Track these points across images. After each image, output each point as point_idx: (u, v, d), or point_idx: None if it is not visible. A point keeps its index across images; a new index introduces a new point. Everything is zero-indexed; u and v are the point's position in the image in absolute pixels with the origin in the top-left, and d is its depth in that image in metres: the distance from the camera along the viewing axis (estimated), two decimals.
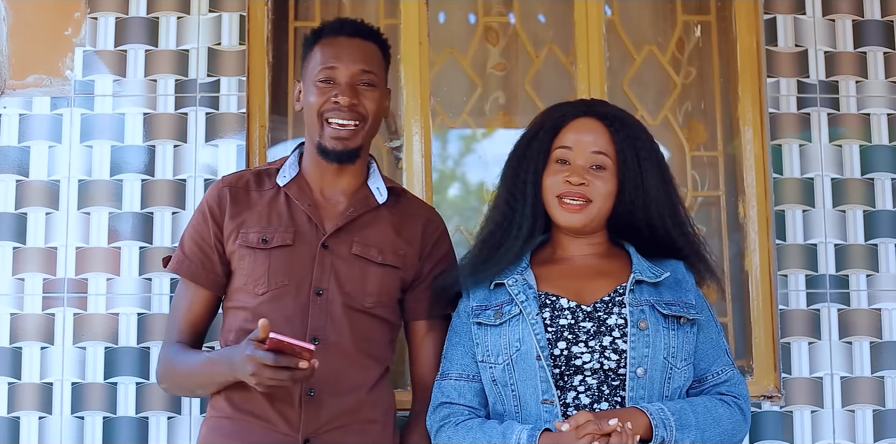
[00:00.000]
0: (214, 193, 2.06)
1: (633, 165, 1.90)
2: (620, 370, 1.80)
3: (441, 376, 1.95)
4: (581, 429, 1.67)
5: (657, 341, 1.82)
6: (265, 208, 2.03)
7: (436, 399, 1.94)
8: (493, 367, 1.87)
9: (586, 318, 1.84)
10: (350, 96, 1.96)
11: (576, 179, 1.87)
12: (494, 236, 1.94)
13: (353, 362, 1.97)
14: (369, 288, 1.99)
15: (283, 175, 2.06)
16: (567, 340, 1.81)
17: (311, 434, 1.92)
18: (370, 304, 1.99)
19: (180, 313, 2.04)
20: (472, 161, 2.79)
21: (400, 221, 2.07)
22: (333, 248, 1.99)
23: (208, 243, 2.02)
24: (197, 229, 2.05)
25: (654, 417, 1.75)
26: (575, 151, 1.91)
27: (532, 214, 1.92)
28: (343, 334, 1.96)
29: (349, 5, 2.75)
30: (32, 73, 2.49)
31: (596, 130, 1.92)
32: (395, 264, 2.02)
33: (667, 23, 2.78)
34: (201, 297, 2.04)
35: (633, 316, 1.82)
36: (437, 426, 1.91)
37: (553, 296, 1.87)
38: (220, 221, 2.02)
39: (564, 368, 1.81)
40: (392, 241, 2.04)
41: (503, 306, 1.89)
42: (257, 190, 2.06)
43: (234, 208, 2.03)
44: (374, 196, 2.06)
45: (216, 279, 2.03)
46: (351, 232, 2.01)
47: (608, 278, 1.90)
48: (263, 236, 1.99)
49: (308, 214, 2.01)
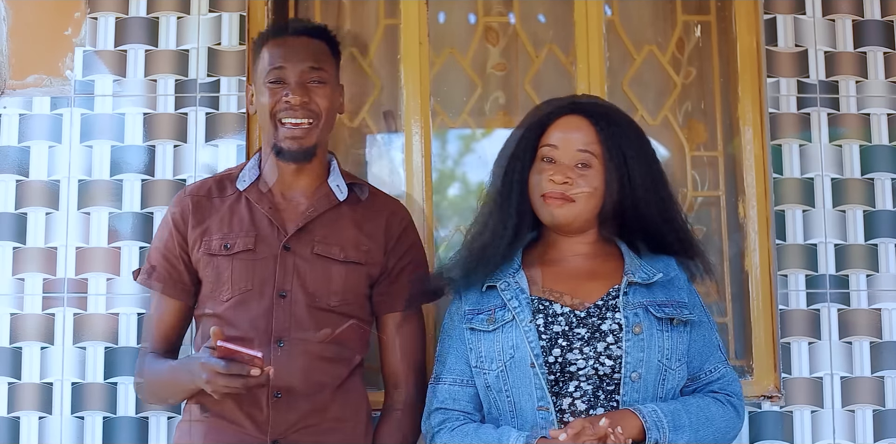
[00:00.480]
0: (177, 204, 2.08)
1: (620, 163, 1.88)
2: (615, 375, 1.80)
3: (435, 380, 1.95)
4: (578, 436, 1.67)
5: (651, 344, 1.81)
6: (227, 214, 2.04)
7: (430, 404, 1.93)
8: (487, 373, 1.86)
9: (580, 324, 1.83)
10: (300, 95, 1.96)
11: (559, 178, 1.86)
12: (482, 236, 1.93)
13: (319, 363, 1.97)
14: (333, 287, 1.99)
15: (243, 180, 2.06)
16: (562, 347, 1.81)
17: (279, 436, 1.93)
18: (336, 302, 1.99)
19: (152, 324, 2.07)
20: (472, 161, 2.79)
21: (362, 216, 2.07)
22: (295, 249, 1.99)
23: (174, 254, 2.04)
24: (163, 241, 2.07)
25: (646, 419, 1.75)
26: (561, 149, 1.90)
27: (518, 213, 1.91)
28: (307, 335, 1.96)
29: (349, 5, 2.75)
30: (32, 73, 2.48)
31: (582, 128, 1.90)
32: (358, 260, 2.02)
33: (667, 23, 2.78)
34: (172, 307, 2.06)
35: (628, 320, 1.81)
36: (432, 431, 1.91)
37: (546, 301, 1.86)
38: (184, 231, 2.04)
39: (559, 374, 1.80)
40: (354, 237, 2.03)
41: (496, 311, 1.88)
42: (219, 197, 2.07)
43: (197, 217, 2.04)
44: (335, 194, 2.06)
45: (185, 289, 2.04)
46: (312, 232, 2.02)
47: (601, 279, 1.89)
48: (226, 243, 2.00)
49: (269, 217, 2.02)
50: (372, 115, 2.64)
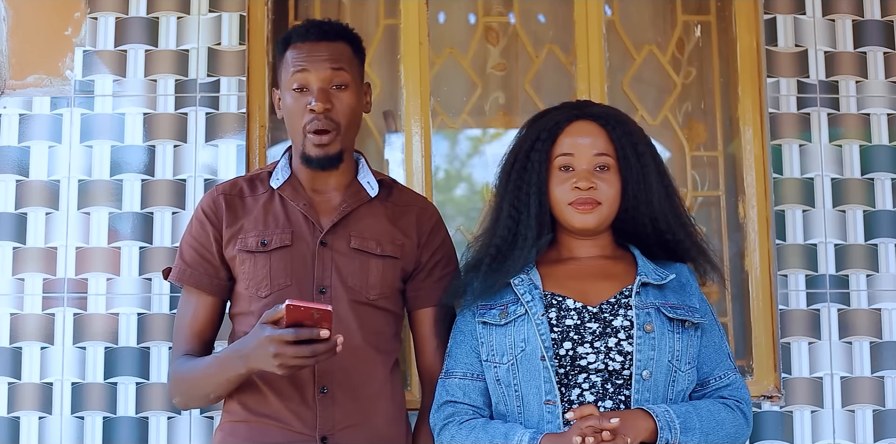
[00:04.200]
0: (210, 201, 2.07)
1: (634, 162, 1.91)
2: (624, 372, 1.81)
3: (445, 374, 1.95)
4: (583, 420, 1.68)
5: (662, 344, 1.82)
6: (261, 212, 2.04)
7: (440, 398, 1.94)
8: (498, 367, 1.87)
9: (592, 319, 1.84)
10: (323, 101, 1.96)
11: (584, 184, 1.88)
12: (501, 251, 1.93)
13: (362, 357, 1.98)
14: (372, 280, 2.00)
15: (277, 178, 2.07)
16: (573, 340, 1.82)
17: (327, 432, 1.93)
18: (374, 296, 2.00)
19: (185, 324, 2.03)
20: (474, 162, 2.79)
21: (394, 212, 2.08)
22: (332, 244, 2.00)
23: (209, 251, 2.03)
24: (195, 237, 2.05)
25: (659, 419, 1.75)
26: (577, 156, 1.91)
27: (537, 225, 1.92)
28: (350, 330, 1.96)
29: (349, 5, 2.75)
30: (32, 73, 2.49)
31: (593, 132, 1.92)
32: (395, 254, 2.03)
33: (667, 23, 2.78)
34: (206, 304, 2.03)
35: (640, 319, 1.82)
36: (440, 424, 1.92)
37: (559, 296, 1.87)
38: (219, 227, 2.03)
39: (569, 368, 1.81)
40: (389, 232, 2.04)
41: (508, 306, 1.89)
42: (252, 195, 2.07)
43: (231, 215, 2.04)
44: (366, 190, 2.07)
45: (220, 284, 2.03)
46: (347, 227, 2.02)
47: (614, 279, 1.91)
48: (262, 240, 2.00)
49: (304, 213, 2.02)
50: (372, 115, 2.64)
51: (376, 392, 1.99)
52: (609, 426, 1.68)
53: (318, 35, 2.01)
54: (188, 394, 2.00)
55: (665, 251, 1.97)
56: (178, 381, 2.00)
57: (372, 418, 1.97)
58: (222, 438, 2.00)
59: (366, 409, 1.97)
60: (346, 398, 1.95)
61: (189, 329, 2.02)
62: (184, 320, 2.03)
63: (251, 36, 2.53)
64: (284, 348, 1.73)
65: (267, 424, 1.94)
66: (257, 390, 1.93)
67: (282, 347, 1.73)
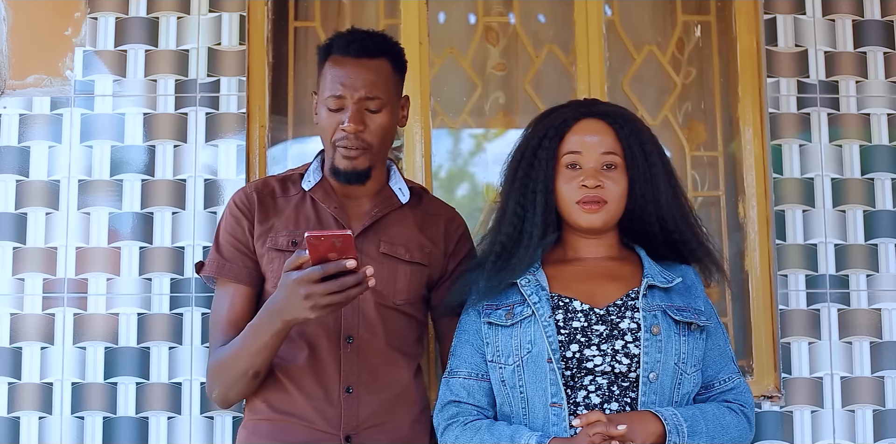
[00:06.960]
0: (243, 196, 2.08)
1: (642, 160, 1.91)
2: (631, 374, 1.80)
3: (450, 374, 1.95)
4: (591, 427, 1.68)
5: (669, 346, 1.82)
6: (292, 213, 2.06)
7: (444, 397, 1.94)
8: (504, 368, 1.87)
9: (599, 321, 1.84)
10: (356, 123, 1.96)
11: (591, 182, 1.87)
12: (506, 249, 1.93)
13: (387, 360, 2.00)
14: (399, 286, 2.02)
15: (308, 180, 2.09)
16: (580, 342, 1.81)
17: (351, 431, 1.94)
18: (401, 301, 2.02)
19: (223, 315, 2.01)
20: (476, 161, 2.79)
21: (423, 220, 2.10)
22: (362, 247, 2.01)
23: (245, 244, 2.04)
24: (231, 232, 2.06)
25: (668, 422, 1.75)
26: (584, 154, 1.90)
27: (543, 222, 1.92)
28: (376, 332, 1.98)
29: (349, 5, 2.75)
30: (32, 73, 2.49)
31: (601, 131, 1.92)
32: (423, 261, 2.05)
33: (667, 23, 2.78)
34: (244, 294, 2.03)
35: (647, 321, 1.82)
36: (444, 424, 1.91)
37: (566, 298, 1.87)
38: (252, 221, 2.05)
39: (576, 370, 1.81)
40: (417, 239, 2.07)
41: (514, 307, 1.88)
42: (283, 196, 2.09)
43: (262, 213, 2.06)
44: (398, 196, 2.09)
45: (258, 276, 2.04)
46: (377, 232, 2.04)
47: (620, 281, 1.90)
48: (293, 239, 2.02)
49: (334, 215, 2.04)
50: None
51: (400, 393, 2.00)
52: (617, 434, 1.67)
53: (359, 51, 1.99)
54: (227, 378, 1.94)
55: (671, 251, 1.97)
56: (215, 368, 1.96)
57: (395, 418, 1.99)
58: (246, 436, 2.01)
59: (390, 409, 1.98)
60: (371, 398, 1.96)
61: (227, 320, 2.00)
62: (220, 312, 2.01)
63: (251, 36, 2.53)
64: (313, 287, 1.69)
65: (291, 422, 1.95)
66: (283, 388, 1.94)
67: (311, 286, 1.69)
